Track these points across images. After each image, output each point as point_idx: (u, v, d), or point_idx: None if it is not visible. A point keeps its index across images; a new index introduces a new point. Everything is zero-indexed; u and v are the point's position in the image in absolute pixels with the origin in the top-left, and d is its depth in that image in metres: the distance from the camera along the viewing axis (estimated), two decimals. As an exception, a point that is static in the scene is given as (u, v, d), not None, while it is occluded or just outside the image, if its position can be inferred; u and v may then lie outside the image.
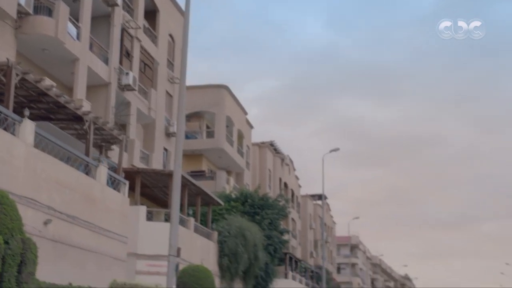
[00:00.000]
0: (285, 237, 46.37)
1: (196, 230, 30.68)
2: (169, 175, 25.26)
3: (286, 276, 49.08)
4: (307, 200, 72.25)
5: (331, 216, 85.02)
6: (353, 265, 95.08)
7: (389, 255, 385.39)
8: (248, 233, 34.25)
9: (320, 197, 67.92)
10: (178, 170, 17.17)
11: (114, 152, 25.96)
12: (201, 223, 32.94)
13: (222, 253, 33.45)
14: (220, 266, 33.43)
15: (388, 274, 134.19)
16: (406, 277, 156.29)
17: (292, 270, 51.90)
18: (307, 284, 56.67)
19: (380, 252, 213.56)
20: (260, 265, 36.40)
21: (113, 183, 22.36)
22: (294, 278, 51.38)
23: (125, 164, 26.58)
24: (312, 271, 62.71)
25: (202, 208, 34.56)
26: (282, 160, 62.03)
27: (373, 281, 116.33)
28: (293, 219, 61.59)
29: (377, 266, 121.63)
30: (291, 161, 66.42)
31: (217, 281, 30.73)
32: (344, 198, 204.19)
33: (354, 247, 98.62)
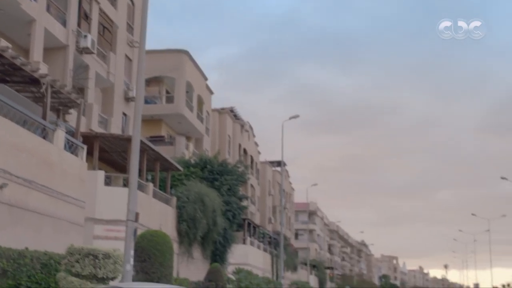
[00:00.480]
0: (244, 203, 46.58)
1: (154, 195, 30.61)
2: (128, 140, 25.07)
3: (244, 242, 49.48)
4: (266, 167, 72.59)
5: (290, 183, 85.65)
6: (311, 231, 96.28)
7: (346, 221, 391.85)
8: (207, 198, 34.33)
9: (279, 163, 68.30)
10: (137, 135, 17.05)
11: (72, 116, 25.61)
12: (160, 189, 32.88)
13: (180, 219, 33.51)
14: (179, 231, 33.52)
15: (345, 240, 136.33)
16: (363, 243, 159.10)
17: (250, 236, 52.31)
18: (265, 250, 57.23)
19: (338, 218, 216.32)
20: (218, 231, 36.58)
21: (70, 148, 22.10)
22: (252, 244, 51.83)
23: (83, 128, 26.28)
24: (270, 237, 63.30)
25: (161, 173, 34.44)
26: (242, 126, 62.05)
27: (330, 247, 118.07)
28: (252, 186, 61.90)
29: (334, 233, 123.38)
30: (251, 128, 66.50)
31: (175, 247, 30.80)
32: (303, 165, 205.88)
33: (312, 214, 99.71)
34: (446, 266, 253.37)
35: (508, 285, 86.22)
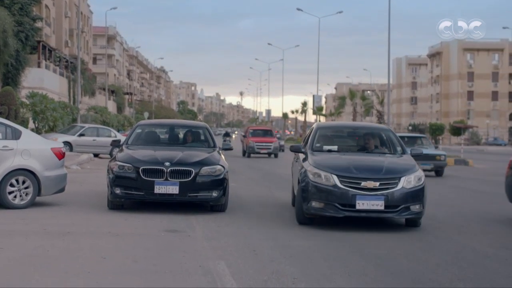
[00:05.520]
0: (38, 24, 44.16)
1: None
2: None
3: (39, 65, 47.57)
4: (63, -13, 68.63)
5: (88, 5, 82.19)
6: (110, 56, 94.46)
7: (147, 47, 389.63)
8: (-4, 18, 32.05)
9: (76, -16, 64.81)
10: None
11: None
12: None
13: (-33, 39, 31.19)
14: (-35, 52, 31.29)
15: (144, 66, 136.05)
16: (162, 70, 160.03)
17: (46, 60, 50.28)
18: (61, 74, 55.57)
19: (138, 44, 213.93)
20: (10, 53, 34.59)
21: None
22: (48, 68, 49.98)
23: None
24: (67, 61, 61.32)
25: None
26: None
27: (129, 72, 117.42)
28: (46, 6, 58.49)
29: (134, 58, 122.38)
30: None
31: (-38, 68, 28.87)
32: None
33: (111, 38, 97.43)
34: (241, 93, 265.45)
35: (297, 111, 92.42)
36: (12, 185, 11.70)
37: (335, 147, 12.14)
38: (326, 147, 12.02)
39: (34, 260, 7.66)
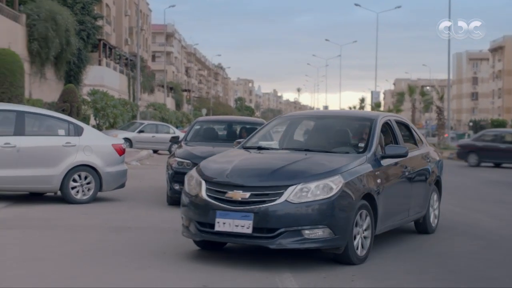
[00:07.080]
0: (99, 23, 45.07)
1: (1, 11, 28.81)
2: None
3: (100, 63, 48.51)
4: (123, -15, 69.72)
5: (147, 3, 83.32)
6: (168, 53, 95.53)
7: (204, 44, 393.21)
8: (59, 17, 32.84)
9: (136, -17, 65.76)
10: None
11: None
12: (7, 5, 30.92)
13: (31, 38, 32.08)
14: (30, 51, 32.19)
15: (202, 63, 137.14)
16: (219, 66, 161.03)
17: (106, 57, 51.24)
18: (121, 71, 56.56)
19: (196, 41, 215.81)
20: (72, 51, 35.48)
21: None
22: (108, 65, 50.94)
23: None
24: (127, 59, 62.37)
25: (8, -12, 32.24)
26: None
27: (187, 69, 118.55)
28: (107, 5, 59.53)
29: (192, 55, 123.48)
30: None
31: (26, 66, 29.70)
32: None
33: (169, 36, 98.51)
34: (298, 90, 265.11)
35: (354, 107, 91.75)
36: (74, 180, 11.98)
37: (274, 143, 9.02)
38: (262, 143, 8.81)
39: (96, 254, 7.83)
